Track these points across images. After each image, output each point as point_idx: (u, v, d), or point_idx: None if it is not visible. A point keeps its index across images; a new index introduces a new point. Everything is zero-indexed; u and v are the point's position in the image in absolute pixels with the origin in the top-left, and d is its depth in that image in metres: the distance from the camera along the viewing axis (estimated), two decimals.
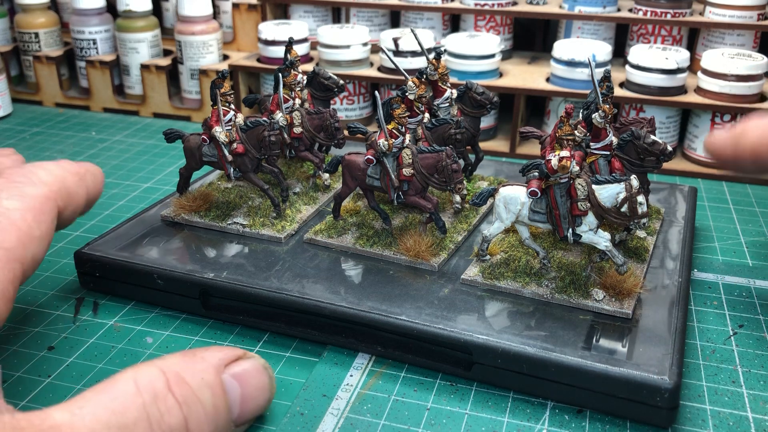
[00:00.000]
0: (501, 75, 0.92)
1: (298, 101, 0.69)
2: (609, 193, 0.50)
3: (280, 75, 0.68)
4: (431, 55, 0.66)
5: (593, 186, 0.51)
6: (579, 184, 0.51)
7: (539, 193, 0.52)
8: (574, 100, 0.87)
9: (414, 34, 0.68)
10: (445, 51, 0.90)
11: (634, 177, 0.50)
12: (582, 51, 0.86)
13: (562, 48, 0.87)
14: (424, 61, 0.86)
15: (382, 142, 0.57)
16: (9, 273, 0.40)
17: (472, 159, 0.69)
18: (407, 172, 0.57)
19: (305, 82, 0.70)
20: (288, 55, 0.69)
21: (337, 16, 1.07)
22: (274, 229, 0.61)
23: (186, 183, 0.66)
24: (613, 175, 0.52)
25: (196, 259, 0.58)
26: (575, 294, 0.52)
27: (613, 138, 0.57)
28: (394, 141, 0.58)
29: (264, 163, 0.63)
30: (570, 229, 0.52)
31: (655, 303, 0.52)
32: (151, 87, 1.02)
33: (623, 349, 0.47)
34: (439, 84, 0.67)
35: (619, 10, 0.94)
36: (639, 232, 0.61)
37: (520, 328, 0.49)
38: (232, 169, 0.62)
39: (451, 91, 0.67)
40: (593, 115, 0.56)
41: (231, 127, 0.62)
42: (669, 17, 0.90)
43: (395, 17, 1.05)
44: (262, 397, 0.42)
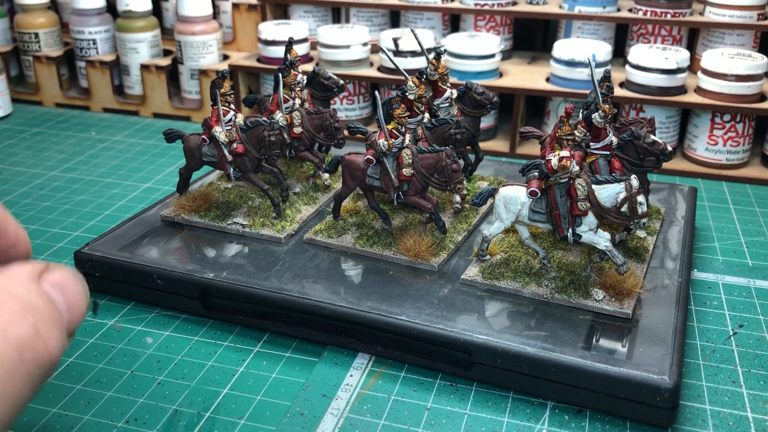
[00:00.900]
0: (501, 75, 0.92)
1: (298, 101, 0.69)
2: (609, 193, 0.50)
3: (280, 75, 0.68)
4: (431, 55, 0.66)
5: (593, 186, 0.51)
6: (579, 184, 0.51)
7: (539, 193, 0.52)
8: (574, 100, 0.87)
9: (414, 34, 0.68)
10: (445, 51, 0.89)
11: (634, 177, 0.50)
12: (582, 51, 0.86)
13: (562, 48, 0.87)
14: (424, 61, 0.86)
15: (382, 142, 0.57)
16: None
17: (472, 159, 0.69)
18: (407, 172, 0.57)
19: (305, 82, 0.70)
20: (288, 55, 0.69)
21: (337, 16, 1.07)
22: (274, 229, 0.61)
23: (186, 183, 0.66)
24: (613, 175, 0.52)
25: (196, 259, 0.58)
26: (575, 294, 0.52)
27: (613, 138, 0.57)
28: (394, 141, 0.58)
29: (264, 163, 0.63)
30: (570, 229, 0.52)
31: (655, 303, 0.52)
32: (151, 87, 1.02)
33: (623, 349, 0.47)
34: (439, 84, 0.67)
35: (619, 10, 0.94)
36: (639, 232, 0.61)
37: (520, 328, 0.49)
38: (232, 169, 0.62)
39: (451, 91, 0.67)
40: (593, 115, 0.56)
41: (231, 127, 0.62)
42: (669, 17, 0.89)
43: (395, 17, 1.05)
44: (84, 302, 0.38)
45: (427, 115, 0.65)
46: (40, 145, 0.92)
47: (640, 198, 0.50)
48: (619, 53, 1.00)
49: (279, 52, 0.93)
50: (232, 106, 0.63)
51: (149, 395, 0.48)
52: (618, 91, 0.85)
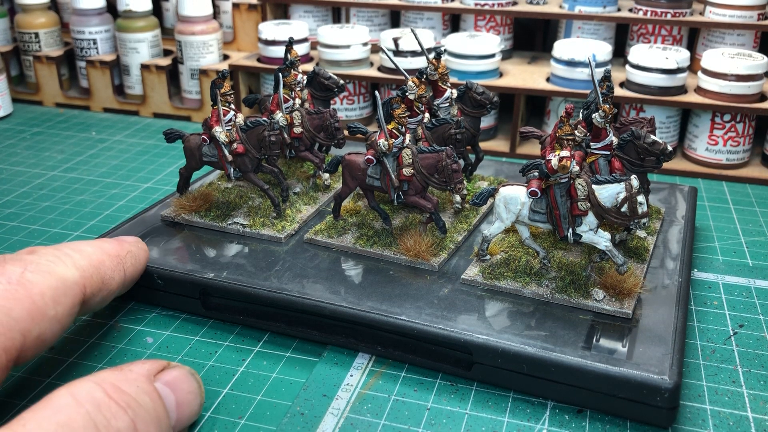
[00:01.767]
0: (501, 75, 0.92)
1: (298, 101, 0.69)
2: (609, 193, 0.50)
3: (280, 75, 0.68)
4: (431, 55, 0.66)
5: (593, 186, 0.51)
6: (579, 184, 0.51)
7: (539, 193, 0.52)
8: (574, 100, 0.87)
9: (414, 34, 0.68)
10: (445, 51, 0.90)
11: (634, 177, 0.50)
12: (582, 51, 0.86)
13: (562, 48, 0.87)
14: (424, 61, 0.86)
15: (382, 142, 0.57)
16: (7, 341, 0.39)
17: (472, 159, 0.69)
18: (407, 172, 0.57)
19: (305, 82, 0.70)
20: (288, 55, 0.69)
21: (337, 16, 1.07)
22: (274, 229, 0.61)
23: (186, 183, 0.66)
24: (613, 175, 0.52)
25: (196, 259, 0.58)
26: (575, 294, 0.52)
27: (613, 138, 0.57)
28: (394, 141, 0.58)
29: (264, 163, 0.63)
30: (570, 229, 0.52)
31: (655, 303, 0.52)
32: (151, 87, 1.02)
33: (623, 348, 0.47)
34: (439, 84, 0.67)
35: (619, 10, 0.94)
36: (639, 232, 0.61)
37: (520, 328, 0.49)
38: (232, 169, 0.62)
39: (451, 91, 0.67)
40: (593, 115, 0.56)
41: (231, 127, 0.62)
42: (669, 17, 0.90)
43: (395, 17, 1.05)
44: (195, 401, 0.43)
45: (427, 115, 0.65)
46: (41, 145, 0.92)
47: (640, 198, 0.50)
48: (619, 53, 1.00)
49: (279, 52, 0.93)
50: (232, 106, 0.63)
51: None
52: (618, 91, 0.85)
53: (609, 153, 0.57)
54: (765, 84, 0.85)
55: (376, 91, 0.59)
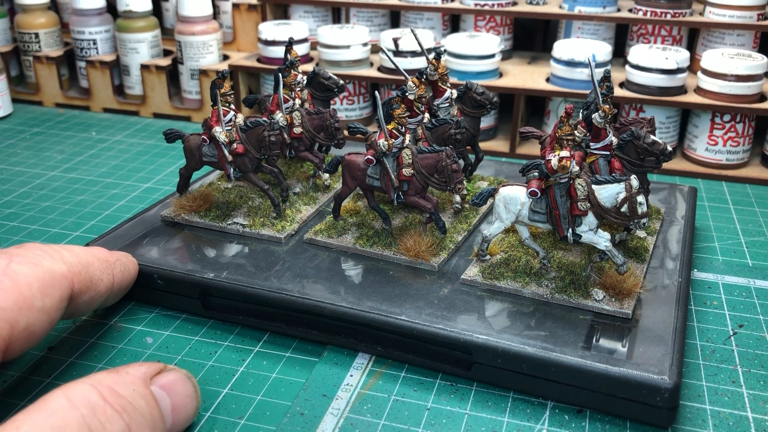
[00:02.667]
0: (501, 75, 0.93)
1: (298, 101, 0.69)
2: (609, 193, 0.50)
3: (280, 75, 0.68)
4: (431, 55, 0.66)
5: (593, 186, 0.51)
6: (579, 184, 0.51)
7: (539, 193, 0.52)
8: (574, 100, 0.87)
9: (414, 34, 0.68)
10: (445, 51, 0.90)
11: (634, 177, 0.50)
12: (582, 51, 0.86)
13: (562, 48, 0.87)
14: (424, 61, 0.86)
15: (382, 142, 0.57)
16: None
17: (472, 159, 0.69)
18: (407, 172, 0.57)
19: (305, 82, 0.70)
20: (288, 55, 0.69)
21: (337, 16, 1.07)
22: (274, 229, 0.61)
23: (186, 183, 0.66)
24: (613, 175, 0.52)
25: (196, 259, 0.58)
26: (575, 294, 0.52)
27: (613, 138, 0.57)
28: (394, 141, 0.58)
29: (264, 163, 0.63)
30: (570, 229, 0.52)
31: (655, 303, 0.52)
32: (151, 87, 1.02)
33: (623, 349, 0.47)
34: (439, 84, 0.67)
35: (619, 10, 0.94)
36: (639, 232, 0.61)
37: (520, 328, 0.49)
38: (232, 169, 0.62)
39: (451, 91, 0.67)
40: (593, 115, 0.56)
41: (231, 127, 0.62)
42: (669, 17, 0.90)
43: (395, 17, 1.05)
44: (191, 405, 0.43)
45: (427, 115, 0.65)
46: (41, 145, 0.92)
47: (640, 198, 0.50)
48: (619, 53, 1.00)
49: (279, 52, 0.93)
50: (232, 106, 0.63)
51: None
52: (618, 91, 0.85)
53: (609, 153, 0.57)
54: (765, 84, 0.85)
55: (376, 92, 0.59)
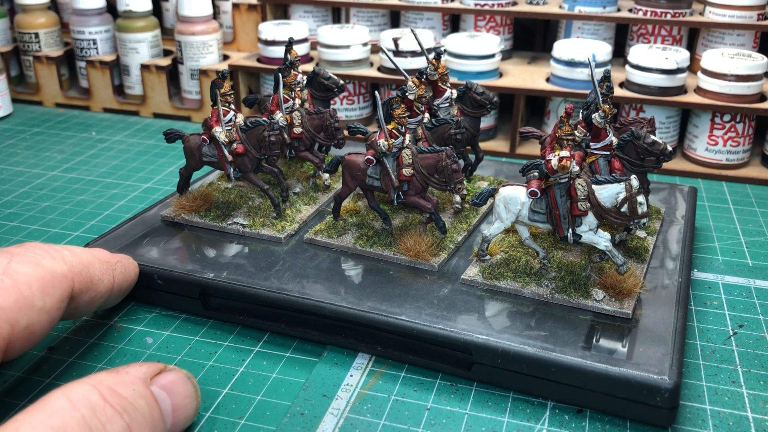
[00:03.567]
0: (501, 75, 0.92)
1: (298, 101, 0.69)
2: (609, 193, 0.50)
3: (280, 75, 0.68)
4: (431, 55, 0.66)
5: (593, 186, 0.51)
6: (579, 184, 0.51)
7: (539, 193, 0.52)
8: (574, 100, 0.87)
9: (414, 34, 0.68)
10: (445, 51, 0.90)
11: (634, 177, 0.50)
12: (582, 51, 0.86)
13: (562, 48, 0.87)
14: (424, 61, 0.86)
15: (382, 142, 0.57)
16: None
17: (472, 159, 0.69)
18: (407, 172, 0.57)
19: (305, 82, 0.70)
20: (288, 55, 0.69)
21: (337, 16, 1.07)
22: (274, 229, 0.61)
23: (186, 183, 0.66)
24: (613, 175, 0.52)
25: (196, 259, 0.58)
26: (575, 294, 0.52)
27: (613, 138, 0.57)
28: (394, 141, 0.58)
29: (264, 163, 0.63)
30: (570, 229, 0.52)
31: (655, 303, 0.52)
32: (151, 87, 1.02)
33: (623, 349, 0.47)
34: (439, 84, 0.67)
35: (619, 10, 0.94)
36: (639, 232, 0.61)
37: (520, 328, 0.49)
38: (232, 169, 0.62)
39: (451, 91, 0.67)
40: (593, 115, 0.56)
41: (231, 127, 0.62)
42: (669, 17, 0.90)
43: (395, 17, 1.05)
44: (191, 405, 0.43)
45: (427, 115, 0.65)
46: (40, 145, 0.92)
47: (640, 198, 0.50)
48: (619, 53, 1.00)
49: (279, 52, 0.93)
50: (232, 106, 0.63)
51: None
52: (618, 91, 0.85)
53: (609, 153, 0.57)
54: (765, 84, 0.85)
55: (376, 92, 0.59)
